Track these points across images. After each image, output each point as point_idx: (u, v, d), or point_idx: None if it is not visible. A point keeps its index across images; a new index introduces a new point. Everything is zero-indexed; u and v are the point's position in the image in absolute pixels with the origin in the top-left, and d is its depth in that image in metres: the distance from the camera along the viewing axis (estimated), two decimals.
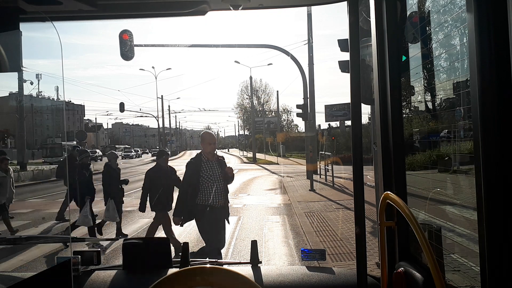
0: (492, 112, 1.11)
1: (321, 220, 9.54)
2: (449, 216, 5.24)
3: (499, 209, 1.11)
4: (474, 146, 1.16)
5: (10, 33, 1.64)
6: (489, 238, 1.13)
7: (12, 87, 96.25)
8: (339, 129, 25.95)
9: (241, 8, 1.80)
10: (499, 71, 1.10)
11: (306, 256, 2.13)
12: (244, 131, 70.97)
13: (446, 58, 3.48)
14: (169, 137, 61.09)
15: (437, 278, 1.13)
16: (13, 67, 1.69)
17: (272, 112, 62.49)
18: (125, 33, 12.35)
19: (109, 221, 8.29)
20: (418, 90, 4.81)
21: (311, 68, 18.16)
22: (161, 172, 6.91)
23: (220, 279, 0.97)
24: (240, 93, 69.29)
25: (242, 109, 67.67)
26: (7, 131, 44.54)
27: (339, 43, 7.35)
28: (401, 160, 1.76)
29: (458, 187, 6.49)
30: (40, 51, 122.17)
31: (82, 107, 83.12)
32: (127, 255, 2.10)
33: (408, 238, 1.73)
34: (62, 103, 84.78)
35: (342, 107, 22.60)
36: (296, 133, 56.76)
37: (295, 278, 1.89)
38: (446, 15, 2.79)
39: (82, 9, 1.75)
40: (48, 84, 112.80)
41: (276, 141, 40.70)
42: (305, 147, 19.75)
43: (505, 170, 1.10)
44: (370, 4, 1.79)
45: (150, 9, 1.91)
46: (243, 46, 19.49)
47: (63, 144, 44.74)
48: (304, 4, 2.45)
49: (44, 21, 1.84)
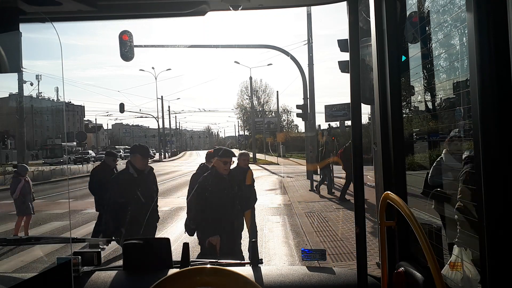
0: (492, 112, 1.11)
1: (321, 220, 9.54)
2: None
3: (499, 209, 1.11)
4: (474, 146, 1.16)
5: (10, 34, 1.64)
6: (489, 238, 1.13)
7: (12, 88, 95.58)
8: (339, 129, 25.93)
9: (241, 8, 1.80)
10: (499, 71, 1.10)
11: (307, 256, 2.13)
12: (244, 131, 71.07)
13: (446, 58, 3.48)
14: (169, 137, 61.13)
15: (437, 278, 1.13)
16: (13, 68, 1.69)
17: (272, 112, 62.48)
18: (125, 33, 12.35)
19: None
20: (418, 90, 4.81)
21: (311, 68, 18.18)
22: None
23: (220, 279, 0.97)
24: (240, 93, 69.34)
25: (242, 110, 67.70)
26: (7, 132, 44.56)
27: (338, 43, 7.33)
28: (401, 160, 1.76)
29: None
30: (40, 52, 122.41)
31: (82, 108, 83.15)
32: (127, 255, 2.10)
33: (408, 238, 1.73)
34: (62, 104, 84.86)
35: (342, 107, 22.59)
36: (296, 133, 56.77)
37: (296, 278, 1.89)
38: (445, 15, 2.79)
39: (82, 9, 1.75)
40: (48, 85, 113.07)
41: (276, 141, 40.67)
42: (305, 147, 19.75)
43: (505, 170, 1.10)
44: (370, 4, 1.79)
45: (149, 9, 1.92)
46: (243, 47, 19.50)
47: (63, 145, 44.75)
48: (304, 4, 2.45)
49: (44, 21, 1.84)
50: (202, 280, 0.97)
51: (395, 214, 1.71)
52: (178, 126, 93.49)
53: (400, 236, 1.74)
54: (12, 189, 8.55)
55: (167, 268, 2.04)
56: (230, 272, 0.98)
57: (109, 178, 6.83)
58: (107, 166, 7.29)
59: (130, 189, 4.59)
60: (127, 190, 4.58)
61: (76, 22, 2.09)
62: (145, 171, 4.86)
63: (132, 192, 4.60)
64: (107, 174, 6.75)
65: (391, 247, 1.76)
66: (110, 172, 6.97)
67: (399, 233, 1.73)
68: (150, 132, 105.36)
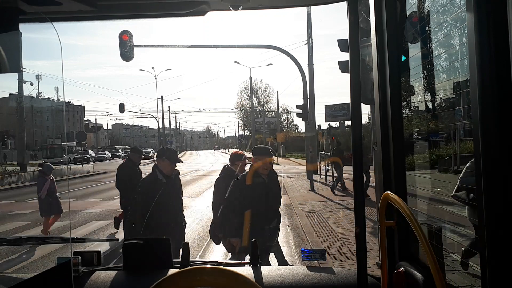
0: (492, 112, 1.11)
1: (321, 220, 9.53)
2: (450, 216, 5.25)
3: (499, 209, 1.11)
4: (474, 146, 1.16)
5: (10, 34, 1.64)
6: (489, 238, 1.13)
7: (12, 88, 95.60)
8: (339, 129, 25.93)
9: (241, 8, 1.80)
10: (499, 71, 1.10)
11: (307, 256, 2.13)
12: (244, 131, 71.05)
13: (445, 58, 3.48)
14: (169, 137, 61.12)
15: (437, 278, 1.13)
16: (13, 68, 1.68)
17: (272, 112, 62.49)
18: (125, 33, 12.34)
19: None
20: (418, 90, 4.82)
21: (311, 68, 18.17)
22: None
23: (220, 279, 0.97)
24: (240, 93, 69.42)
25: (242, 110, 67.72)
26: (7, 132, 44.54)
27: (338, 43, 7.33)
28: (401, 160, 1.76)
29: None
30: (40, 52, 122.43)
31: (82, 108, 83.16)
32: (127, 255, 2.10)
33: (408, 238, 1.73)
34: (62, 104, 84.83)
35: (342, 107, 22.61)
36: (296, 133, 56.79)
37: (296, 278, 1.89)
38: (445, 15, 2.79)
39: (82, 9, 1.75)
40: (48, 85, 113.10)
41: (276, 141, 40.66)
42: (305, 147, 19.74)
43: (505, 170, 1.10)
44: (370, 4, 1.79)
45: (149, 9, 1.92)
46: (243, 47, 19.48)
47: (63, 145, 44.76)
48: (304, 4, 2.45)
49: (44, 21, 1.84)
50: (202, 280, 0.97)
51: (395, 214, 1.71)
52: (178, 126, 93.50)
53: (400, 236, 1.74)
54: (39, 188, 8.53)
55: (167, 268, 2.04)
56: (230, 272, 0.98)
57: (134, 173, 7.22)
58: (132, 162, 7.55)
59: (159, 196, 4.35)
60: (156, 197, 4.33)
61: (76, 22, 2.09)
62: (173, 175, 4.60)
63: (162, 198, 4.35)
64: (132, 170, 7.29)
65: (391, 247, 1.76)
66: (135, 169, 7.39)
67: (399, 233, 1.74)
68: (150, 132, 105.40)
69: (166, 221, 4.36)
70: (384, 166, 1.79)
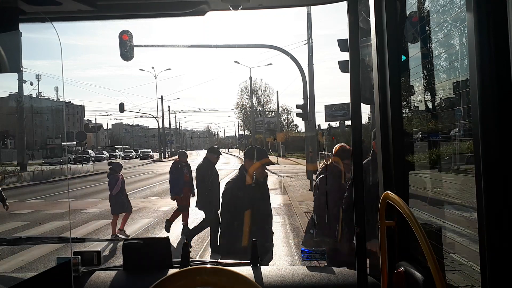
0: (492, 112, 1.11)
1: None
2: (450, 216, 5.25)
3: (499, 209, 1.11)
4: (474, 146, 1.16)
5: (10, 34, 1.64)
6: (489, 238, 1.13)
7: (12, 88, 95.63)
8: (339, 129, 25.92)
9: (241, 8, 1.80)
10: (499, 71, 1.10)
11: (307, 256, 2.13)
12: (244, 131, 71.00)
13: (445, 58, 3.48)
14: (169, 137, 61.13)
15: (437, 278, 1.13)
16: (13, 67, 1.69)
17: (272, 112, 62.49)
18: (125, 33, 12.34)
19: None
20: (418, 90, 4.82)
21: (311, 68, 18.15)
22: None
23: (220, 279, 0.97)
24: (240, 93, 69.35)
25: (242, 109, 67.71)
26: (7, 132, 44.54)
27: (338, 43, 7.32)
28: (401, 160, 1.76)
29: (459, 187, 6.49)
30: (40, 51, 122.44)
31: (82, 107, 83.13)
32: (127, 255, 2.10)
33: (408, 238, 1.73)
34: (62, 103, 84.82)
35: (342, 107, 22.60)
36: (296, 133, 56.77)
37: (295, 278, 1.89)
38: (445, 14, 2.79)
39: (82, 9, 1.75)
40: (48, 84, 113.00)
41: (276, 141, 40.66)
42: (305, 147, 19.74)
43: (505, 170, 1.10)
44: (370, 4, 1.79)
45: (149, 9, 1.92)
46: (243, 46, 19.48)
47: (63, 145, 44.76)
48: (304, 4, 2.45)
49: (44, 21, 1.84)
50: (202, 280, 0.97)
51: (395, 214, 1.71)
52: (178, 126, 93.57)
53: (400, 236, 1.74)
54: (111, 186, 8.63)
55: (167, 268, 2.04)
56: (230, 272, 0.98)
57: (210, 173, 7.53)
58: (210, 162, 7.73)
59: (249, 199, 4.07)
60: (246, 201, 4.05)
61: (76, 22, 2.09)
62: (261, 178, 4.20)
63: (251, 201, 4.05)
64: (210, 170, 7.55)
65: (391, 247, 1.76)
66: (212, 168, 7.60)
67: (399, 233, 1.73)
68: (150, 131, 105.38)
69: (260, 225, 4.09)
70: (384, 166, 1.79)
